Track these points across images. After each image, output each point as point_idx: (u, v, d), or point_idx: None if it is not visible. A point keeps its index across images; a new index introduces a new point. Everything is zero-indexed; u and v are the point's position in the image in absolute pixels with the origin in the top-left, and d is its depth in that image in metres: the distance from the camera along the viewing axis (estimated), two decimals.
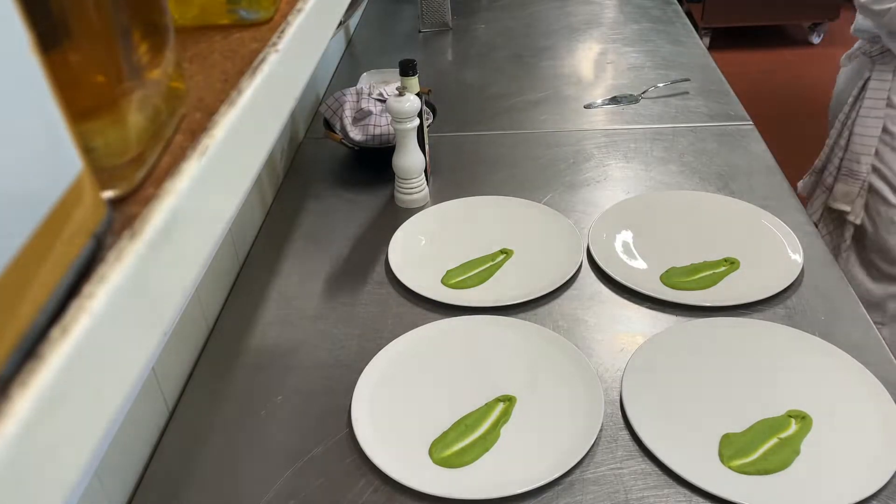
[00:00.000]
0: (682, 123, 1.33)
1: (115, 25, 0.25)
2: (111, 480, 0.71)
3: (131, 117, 0.26)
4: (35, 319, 0.19)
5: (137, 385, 0.76)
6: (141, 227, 0.24)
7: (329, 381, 0.84)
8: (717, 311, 0.90)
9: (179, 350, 0.86)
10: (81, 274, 0.22)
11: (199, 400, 0.84)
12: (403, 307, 0.94)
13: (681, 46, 1.65)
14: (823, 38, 3.63)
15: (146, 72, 0.28)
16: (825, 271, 0.96)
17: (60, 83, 0.20)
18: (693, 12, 3.52)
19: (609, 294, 0.94)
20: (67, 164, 0.21)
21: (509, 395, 0.80)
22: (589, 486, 0.71)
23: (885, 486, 0.68)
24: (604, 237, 1.03)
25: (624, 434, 0.76)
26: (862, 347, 0.83)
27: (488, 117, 1.40)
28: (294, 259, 1.05)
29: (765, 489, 0.69)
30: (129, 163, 0.26)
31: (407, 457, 0.74)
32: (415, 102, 1.05)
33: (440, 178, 1.21)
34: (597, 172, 1.20)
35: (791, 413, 0.76)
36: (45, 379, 0.18)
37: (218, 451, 0.78)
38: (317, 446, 0.77)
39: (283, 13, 0.41)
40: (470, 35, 1.79)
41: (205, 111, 0.32)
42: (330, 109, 1.24)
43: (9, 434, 0.17)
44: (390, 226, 1.08)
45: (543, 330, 0.87)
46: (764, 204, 1.08)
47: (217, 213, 0.30)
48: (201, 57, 0.37)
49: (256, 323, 0.94)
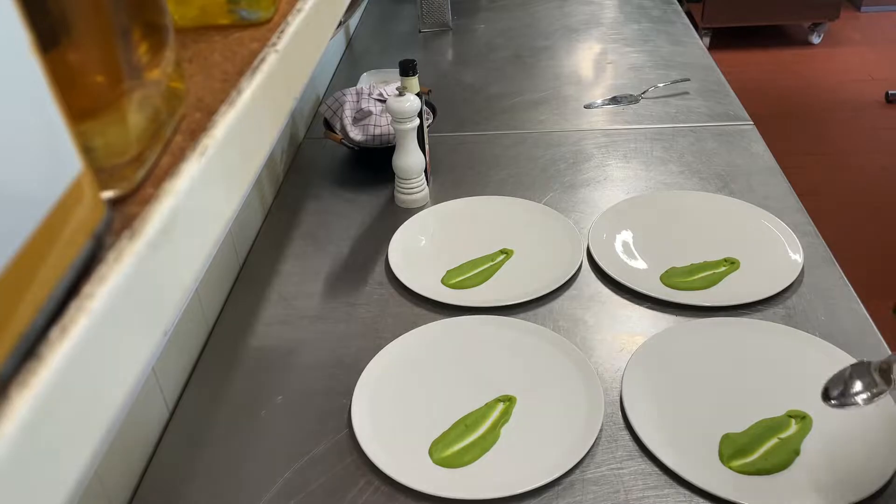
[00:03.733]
0: (682, 123, 1.33)
1: (115, 25, 0.25)
2: (111, 480, 0.71)
3: (131, 117, 0.26)
4: (34, 320, 0.19)
5: (137, 385, 0.76)
6: (140, 228, 0.24)
7: (329, 381, 0.84)
8: (717, 311, 0.90)
9: (179, 350, 0.86)
10: (81, 274, 0.22)
11: (199, 400, 0.84)
12: (403, 307, 0.94)
13: (681, 46, 1.65)
14: (823, 38, 3.63)
15: (146, 72, 0.28)
16: (825, 271, 0.96)
17: (60, 83, 0.20)
18: (693, 12, 3.52)
19: (609, 294, 0.94)
20: (67, 164, 0.21)
21: (509, 395, 0.80)
22: (589, 486, 0.71)
23: (886, 487, 0.68)
24: (604, 237, 1.03)
25: (624, 434, 0.76)
26: (862, 348, 0.83)
27: (488, 117, 1.40)
28: (294, 259, 1.05)
29: (765, 489, 0.69)
30: (129, 163, 0.26)
31: (407, 457, 0.74)
32: (415, 102, 1.05)
33: (440, 178, 1.21)
34: (597, 172, 1.20)
35: (791, 413, 0.76)
36: (44, 379, 0.18)
37: (218, 450, 0.78)
38: (317, 446, 0.77)
39: (283, 13, 0.41)
40: (470, 35, 1.79)
41: (204, 111, 0.32)
42: (330, 109, 1.25)
43: (9, 434, 0.17)
44: (390, 226, 1.09)
45: (543, 330, 0.87)
46: (764, 204, 1.08)
47: (217, 213, 0.30)
48: (201, 57, 0.37)
49: (256, 323, 0.94)
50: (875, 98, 3.08)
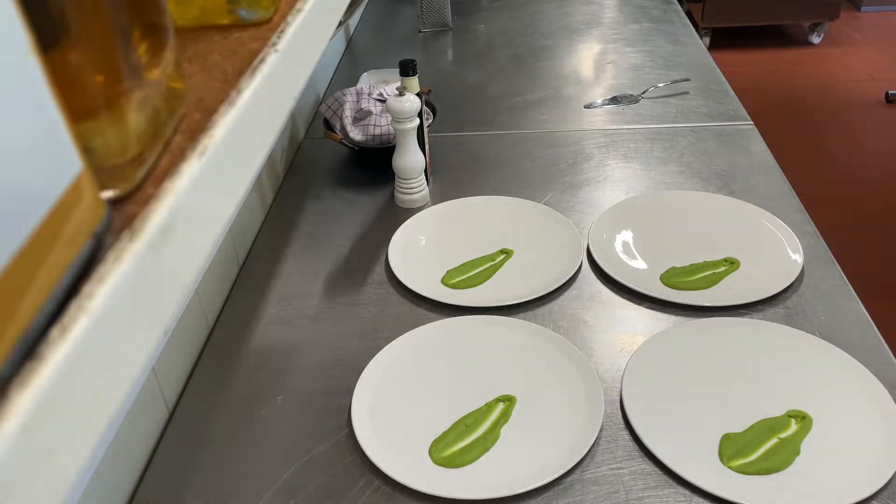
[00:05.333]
0: (682, 123, 1.33)
1: (115, 25, 0.25)
2: (111, 480, 0.71)
3: (131, 117, 0.26)
4: (34, 319, 0.19)
5: (137, 385, 0.76)
6: (140, 227, 0.24)
7: (329, 381, 0.84)
8: (717, 311, 0.90)
9: (179, 350, 0.86)
10: (81, 274, 0.22)
11: (199, 400, 0.84)
12: (403, 307, 0.95)
13: (681, 46, 1.65)
14: (823, 38, 3.63)
15: (146, 72, 0.28)
16: (825, 271, 0.96)
17: (60, 83, 0.20)
18: (693, 12, 3.52)
19: (609, 294, 0.95)
20: (67, 164, 0.21)
21: (509, 395, 0.80)
22: (589, 486, 0.71)
23: (885, 486, 0.68)
24: (604, 237, 1.03)
25: (624, 434, 0.76)
26: (862, 347, 0.83)
27: (488, 117, 1.40)
28: (294, 259, 1.05)
29: (765, 489, 0.69)
30: (129, 163, 0.26)
31: (407, 457, 0.74)
32: (415, 102, 1.05)
33: (440, 178, 1.21)
34: (597, 172, 1.20)
35: (791, 413, 0.76)
36: (44, 379, 0.18)
37: (218, 450, 0.78)
38: (317, 446, 0.77)
39: (283, 13, 0.41)
40: (470, 35, 1.79)
41: (204, 111, 0.32)
42: (330, 109, 1.25)
43: (9, 434, 0.17)
44: (390, 226, 1.09)
45: (543, 330, 0.87)
46: (764, 204, 1.08)
47: (217, 213, 0.30)
48: (201, 57, 0.37)
49: (256, 323, 0.94)
50: (875, 98, 3.08)
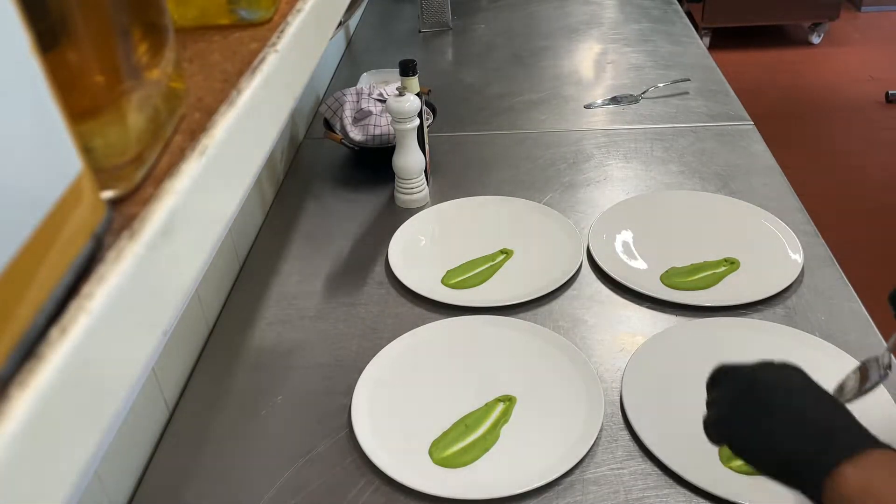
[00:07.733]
0: (682, 123, 1.33)
1: (115, 25, 0.25)
2: (111, 480, 0.71)
3: (131, 117, 0.26)
4: (34, 319, 0.19)
5: (137, 385, 0.76)
6: (140, 228, 0.24)
7: (329, 381, 0.84)
8: (717, 311, 0.90)
9: (179, 350, 0.86)
10: (81, 274, 0.22)
11: (199, 400, 0.84)
12: (403, 307, 0.94)
13: (681, 46, 1.65)
14: (823, 38, 3.63)
15: (146, 72, 0.28)
16: (825, 271, 0.96)
17: (60, 83, 0.20)
18: (693, 12, 3.51)
19: (609, 294, 0.94)
20: (67, 164, 0.21)
21: (509, 395, 0.80)
22: (589, 486, 0.71)
23: None
24: (604, 237, 1.03)
25: (624, 434, 0.76)
26: (862, 347, 0.83)
27: (488, 117, 1.40)
28: (294, 259, 1.05)
29: (765, 489, 0.69)
30: (129, 163, 0.26)
31: (407, 457, 0.74)
32: (415, 102, 1.05)
33: (440, 178, 1.21)
34: (597, 172, 1.20)
35: None
36: (44, 379, 0.18)
37: (218, 450, 0.78)
38: (317, 446, 0.77)
39: (283, 13, 0.41)
40: (470, 35, 1.79)
41: (204, 111, 0.32)
42: (330, 109, 1.25)
43: (9, 434, 0.17)
44: (390, 226, 1.08)
45: (543, 330, 0.87)
46: (764, 204, 1.08)
47: (217, 213, 0.30)
48: (201, 57, 0.37)
49: (256, 323, 0.94)
50: (875, 98, 3.08)
